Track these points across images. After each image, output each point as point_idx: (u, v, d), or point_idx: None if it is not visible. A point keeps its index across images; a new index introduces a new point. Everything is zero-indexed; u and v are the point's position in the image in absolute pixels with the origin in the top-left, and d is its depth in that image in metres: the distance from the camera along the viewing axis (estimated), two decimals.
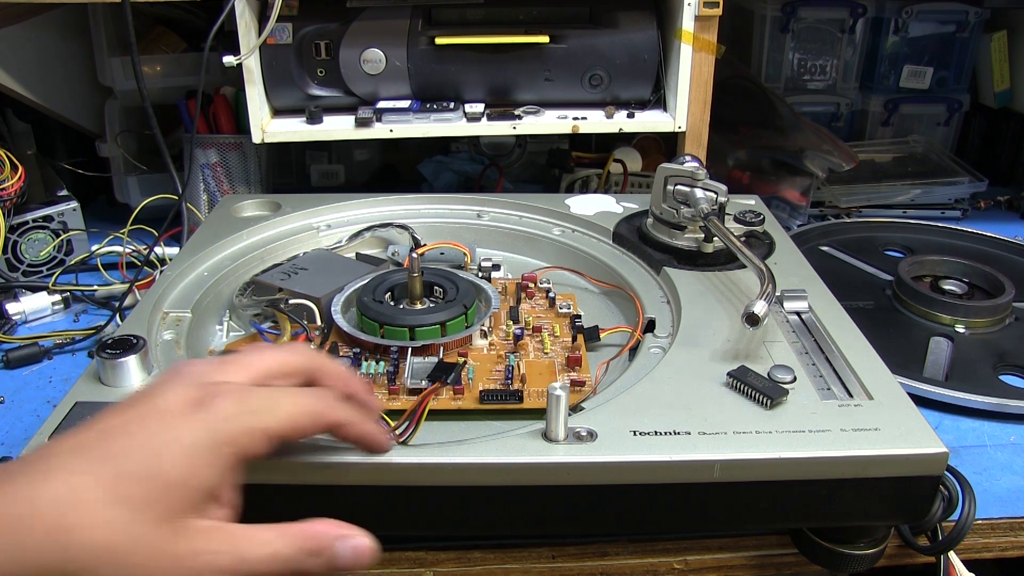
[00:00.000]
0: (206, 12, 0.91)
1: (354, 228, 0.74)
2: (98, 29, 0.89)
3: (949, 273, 0.79)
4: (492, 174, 1.02)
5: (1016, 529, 0.53)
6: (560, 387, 0.43)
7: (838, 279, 0.71)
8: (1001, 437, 0.60)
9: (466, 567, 0.51)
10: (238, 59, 0.77)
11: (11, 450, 0.58)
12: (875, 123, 1.12)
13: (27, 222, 0.81)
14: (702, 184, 0.65)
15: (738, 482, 0.44)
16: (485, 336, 0.58)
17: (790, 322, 0.58)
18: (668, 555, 0.52)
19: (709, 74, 0.81)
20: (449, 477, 0.43)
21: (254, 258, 0.69)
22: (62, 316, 0.78)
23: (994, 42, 1.09)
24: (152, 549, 0.30)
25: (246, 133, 0.83)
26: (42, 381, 0.68)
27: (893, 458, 0.44)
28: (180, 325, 0.58)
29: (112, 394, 0.49)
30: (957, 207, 1.02)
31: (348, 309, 0.61)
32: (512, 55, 0.82)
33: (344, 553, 0.33)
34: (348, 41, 0.81)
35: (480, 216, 0.77)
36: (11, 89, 0.86)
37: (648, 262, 0.67)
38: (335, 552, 0.33)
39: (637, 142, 0.99)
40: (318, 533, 0.33)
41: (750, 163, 0.98)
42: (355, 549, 0.34)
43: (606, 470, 0.43)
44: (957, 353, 0.69)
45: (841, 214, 0.99)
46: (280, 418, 0.35)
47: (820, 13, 1.08)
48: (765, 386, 0.48)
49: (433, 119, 0.81)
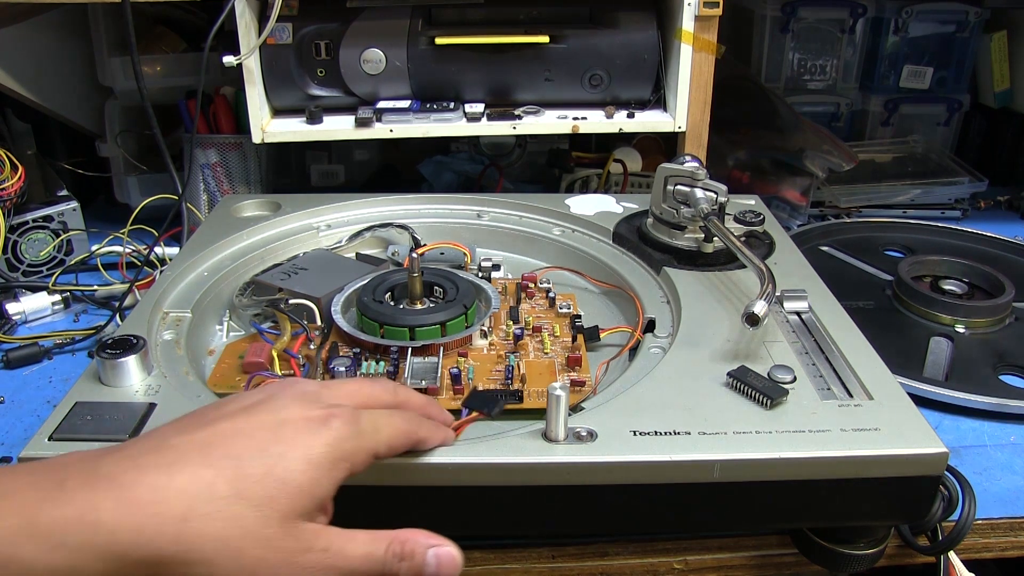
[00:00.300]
0: (206, 12, 0.91)
1: (354, 228, 0.74)
2: (98, 29, 0.89)
3: (949, 273, 0.79)
4: (492, 174, 1.02)
5: (1016, 529, 0.53)
6: (560, 387, 0.43)
7: (838, 279, 0.71)
8: (1001, 437, 0.60)
9: (466, 567, 0.50)
10: (238, 59, 0.77)
11: (11, 450, 0.58)
12: (875, 123, 1.12)
13: (27, 222, 0.81)
14: (702, 184, 0.65)
15: (738, 482, 0.44)
16: (485, 336, 0.58)
17: (790, 322, 0.58)
18: (668, 555, 0.52)
19: (709, 74, 0.81)
20: (449, 477, 0.43)
21: (254, 258, 0.69)
22: (62, 316, 0.78)
23: (994, 42, 1.09)
24: (267, 544, 0.33)
25: (246, 133, 0.83)
26: (42, 381, 0.68)
27: (893, 458, 0.44)
28: (180, 325, 0.58)
29: (112, 394, 0.49)
30: (957, 207, 1.02)
31: (348, 309, 0.61)
32: (512, 55, 0.82)
33: (431, 561, 0.36)
34: (348, 41, 0.81)
35: (480, 216, 0.77)
36: (11, 89, 0.86)
37: (648, 262, 0.67)
38: (424, 559, 0.36)
39: (637, 142, 0.99)
40: (409, 539, 0.36)
41: (750, 163, 0.98)
42: (440, 557, 0.36)
43: (606, 470, 0.43)
44: (957, 353, 0.69)
45: (841, 214, 0.99)
46: (383, 440, 0.39)
47: (820, 13, 1.07)
48: (765, 386, 0.48)
49: (433, 119, 0.81)
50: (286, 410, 0.37)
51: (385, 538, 0.36)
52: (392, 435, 0.39)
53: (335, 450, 0.36)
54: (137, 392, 0.49)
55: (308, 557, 0.34)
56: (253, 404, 0.37)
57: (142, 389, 0.49)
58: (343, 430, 0.36)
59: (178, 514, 0.32)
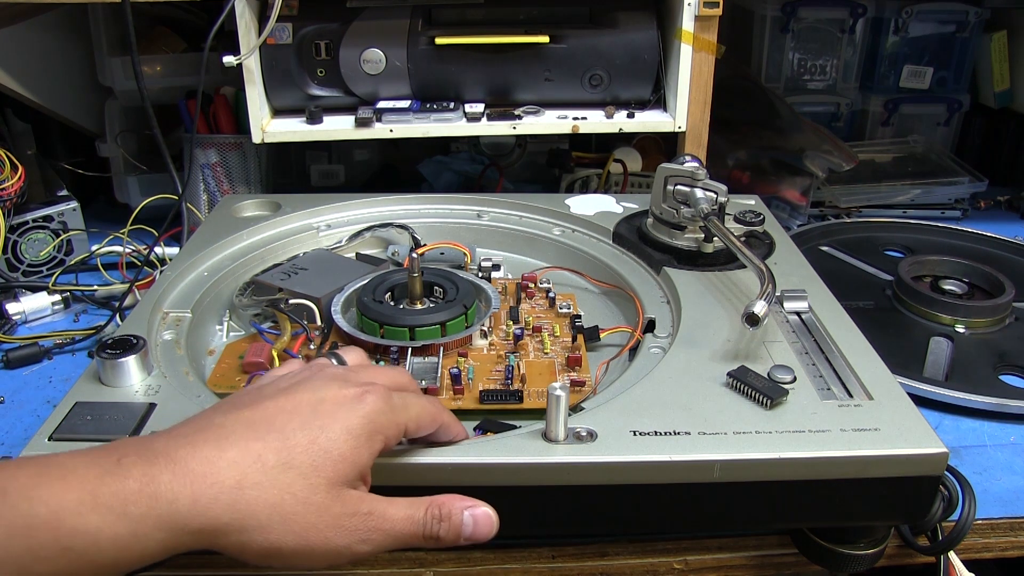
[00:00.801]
0: (206, 12, 0.91)
1: (354, 228, 0.74)
2: (98, 29, 0.89)
3: (949, 273, 0.79)
4: (492, 174, 1.02)
5: (1016, 529, 0.53)
6: (560, 387, 0.43)
7: (838, 279, 0.71)
8: (1001, 437, 0.60)
9: (466, 567, 0.51)
10: (238, 59, 0.77)
11: (11, 450, 0.58)
12: (875, 123, 1.12)
13: (27, 222, 0.81)
14: (702, 184, 0.65)
15: (738, 482, 0.44)
16: (485, 336, 0.58)
17: (790, 322, 0.58)
18: (668, 555, 0.52)
19: (709, 74, 0.81)
20: (449, 477, 0.43)
21: (254, 258, 0.69)
22: (62, 316, 0.78)
23: (994, 42, 1.09)
24: (317, 509, 0.35)
25: (246, 133, 0.83)
26: (42, 381, 0.68)
27: (893, 458, 0.44)
28: (180, 325, 0.58)
29: (112, 394, 0.49)
30: (957, 207, 1.02)
31: (348, 309, 0.61)
32: (512, 55, 0.82)
33: (467, 520, 0.39)
34: (348, 41, 0.81)
35: (480, 216, 0.77)
36: (11, 89, 0.86)
37: (648, 262, 0.67)
38: (461, 519, 0.39)
39: (637, 142, 0.99)
40: (446, 503, 0.39)
41: (750, 163, 0.98)
42: (476, 517, 0.39)
43: (606, 470, 0.43)
44: (957, 353, 0.69)
45: (841, 214, 0.99)
46: (412, 417, 0.41)
47: (820, 13, 1.08)
48: (765, 386, 0.48)
49: (433, 119, 0.81)
50: (324, 389, 0.39)
51: (424, 502, 0.38)
52: (420, 414, 0.41)
53: (371, 423, 0.38)
54: (137, 392, 0.49)
55: (354, 520, 0.36)
56: (291, 386, 0.39)
57: (142, 389, 0.49)
58: (378, 404, 0.39)
59: (231, 484, 0.34)
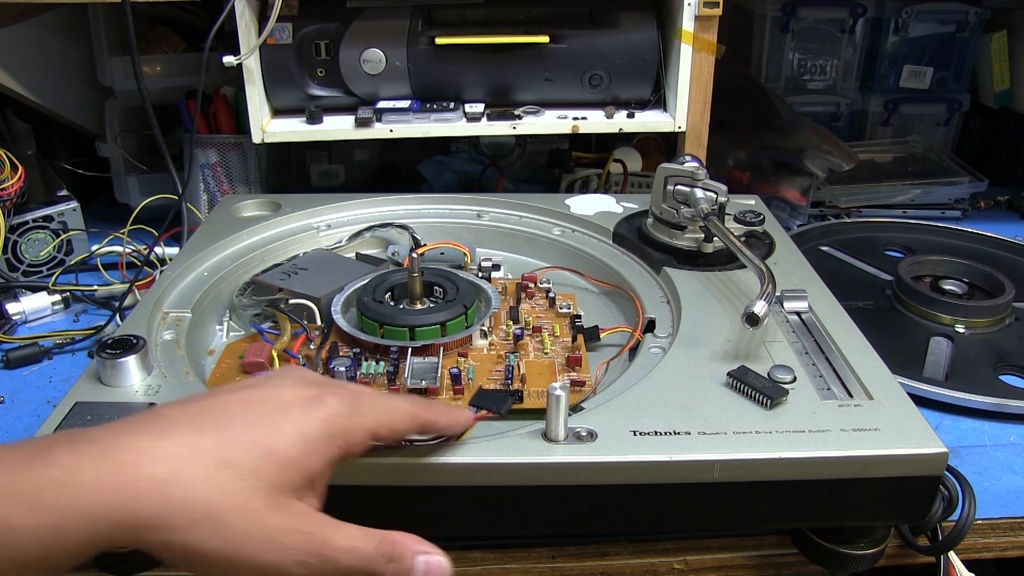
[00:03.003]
0: (206, 12, 0.91)
1: (354, 228, 0.74)
2: (98, 29, 0.89)
3: (949, 273, 0.79)
4: (492, 174, 1.02)
5: (1016, 529, 0.53)
6: (560, 387, 0.43)
7: (838, 279, 0.71)
8: (1001, 437, 0.60)
9: (466, 567, 0.51)
10: (238, 59, 0.77)
11: None
12: (875, 123, 1.12)
13: (27, 222, 0.81)
14: (702, 184, 0.65)
15: (738, 482, 0.44)
16: (485, 336, 0.58)
17: (790, 322, 0.58)
18: (668, 555, 0.52)
19: (709, 74, 0.81)
20: (449, 477, 0.43)
21: (254, 258, 0.69)
22: (62, 316, 0.78)
23: (994, 42, 1.09)
24: (249, 515, 0.32)
25: (246, 133, 0.83)
26: (42, 381, 0.68)
27: (893, 458, 0.44)
28: (180, 325, 0.58)
29: (112, 394, 0.49)
30: (957, 207, 1.02)
31: (348, 309, 0.61)
32: (512, 55, 0.82)
33: (420, 568, 0.34)
34: (348, 41, 0.81)
35: (480, 216, 0.77)
36: (11, 89, 0.86)
37: (648, 262, 0.67)
38: (412, 564, 0.34)
39: (637, 142, 0.99)
40: (400, 542, 0.35)
41: (750, 163, 0.98)
42: (430, 565, 0.35)
43: (606, 470, 0.43)
44: (957, 353, 0.69)
45: (841, 214, 0.99)
46: (382, 420, 0.38)
47: (820, 13, 1.08)
48: (765, 386, 0.48)
49: (433, 119, 0.81)
50: (284, 388, 0.37)
51: (376, 536, 0.34)
52: (393, 415, 0.39)
53: (329, 426, 0.35)
54: (137, 392, 0.49)
55: (292, 537, 0.33)
56: (252, 383, 0.38)
57: (142, 389, 0.49)
58: (338, 407, 0.36)
59: (161, 476, 0.31)
